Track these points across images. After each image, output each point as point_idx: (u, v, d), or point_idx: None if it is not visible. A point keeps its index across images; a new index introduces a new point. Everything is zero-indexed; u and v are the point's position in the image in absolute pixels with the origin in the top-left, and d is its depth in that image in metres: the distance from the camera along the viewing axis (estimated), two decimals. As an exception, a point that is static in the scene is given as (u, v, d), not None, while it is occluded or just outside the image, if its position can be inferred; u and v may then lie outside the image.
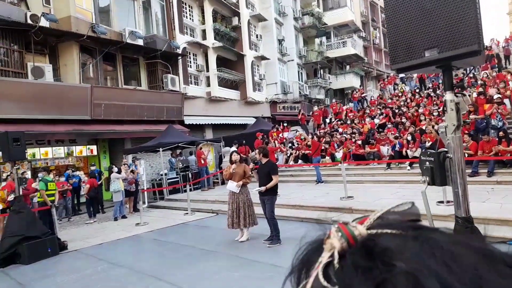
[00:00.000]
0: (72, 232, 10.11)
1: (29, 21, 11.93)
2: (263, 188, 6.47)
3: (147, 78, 17.16)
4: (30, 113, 11.92)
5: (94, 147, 15.13)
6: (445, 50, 2.35)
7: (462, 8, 2.24)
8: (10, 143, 7.89)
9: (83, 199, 12.88)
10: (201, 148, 14.60)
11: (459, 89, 2.74)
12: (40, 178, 10.40)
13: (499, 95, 12.17)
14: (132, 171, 12.09)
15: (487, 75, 17.79)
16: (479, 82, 16.84)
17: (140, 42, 16.03)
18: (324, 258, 0.34)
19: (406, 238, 0.33)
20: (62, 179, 12.22)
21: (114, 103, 14.31)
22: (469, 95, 14.86)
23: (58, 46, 13.80)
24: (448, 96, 2.60)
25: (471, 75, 18.83)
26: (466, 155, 9.92)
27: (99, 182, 12.64)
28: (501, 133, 9.80)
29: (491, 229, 6.02)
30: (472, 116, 11.88)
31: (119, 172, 11.66)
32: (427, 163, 2.70)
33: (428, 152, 2.78)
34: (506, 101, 12.19)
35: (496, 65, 20.68)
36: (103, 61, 15.16)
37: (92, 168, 13.35)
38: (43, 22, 12.35)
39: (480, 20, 2.25)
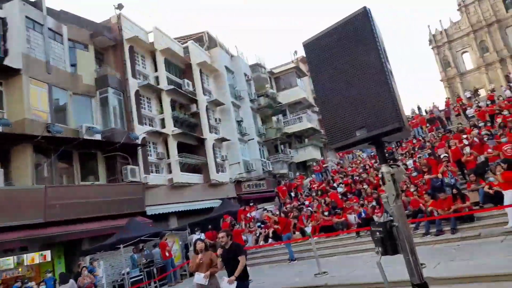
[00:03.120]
0: None
1: (-22, 127, 11.65)
2: (233, 278, 6.04)
3: (106, 171, 16.77)
4: (-24, 223, 11.03)
5: (47, 252, 13.87)
6: (371, 130, 2.65)
7: (380, 93, 2.58)
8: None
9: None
10: (166, 239, 13.87)
11: (392, 161, 2.95)
12: None
13: (446, 154, 12.95)
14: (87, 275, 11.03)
15: (434, 136, 19.10)
16: (427, 144, 17.99)
17: (97, 136, 15.99)
18: None
19: None
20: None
21: (70, 202, 13.65)
22: (420, 157, 15.72)
23: (10, 149, 13.40)
24: (384, 168, 2.83)
25: (414, 141, 20.13)
26: (437, 213, 10.15)
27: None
28: (454, 190, 10.22)
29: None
30: (426, 176, 12.43)
31: (76, 277, 10.63)
32: (377, 233, 2.78)
33: (376, 223, 2.87)
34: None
35: (440, 126, 22.40)
36: (59, 159, 14.78)
37: (48, 275, 11.94)
38: (-6, 127, 12.12)
39: (397, 102, 2.56)
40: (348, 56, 2.81)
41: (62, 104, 16.06)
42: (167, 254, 13.41)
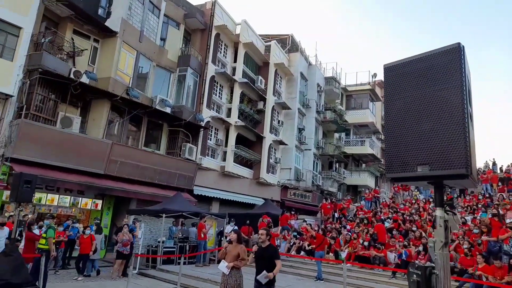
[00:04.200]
0: (54, 287, 9.68)
1: (71, 76, 12.94)
2: (271, 275, 6.06)
3: (167, 143, 17.76)
4: (49, 159, 12.29)
5: (99, 202, 15.14)
6: (435, 169, 2.50)
7: (454, 134, 2.43)
8: (21, 184, 8.01)
9: (75, 253, 12.51)
10: (204, 221, 14.37)
11: (449, 207, 2.78)
12: (48, 225, 10.27)
13: (512, 220, 11.84)
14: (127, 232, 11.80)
15: (504, 198, 17.50)
16: (494, 203, 16.55)
17: (168, 110, 16.95)
18: None
19: None
20: (61, 228, 12.06)
21: (130, 162, 14.67)
22: (482, 215, 14.51)
23: (91, 101, 14.72)
24: (438, 212, 2.66)
25: (480, 197, 18.54)
26: (485, 279, 9.37)
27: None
28: (512, 261, 9.33)
29: None
30: (484, 237, 11.48)
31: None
32: (415, 276, 2.65)
33: (416, 265, 2.72)
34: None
35: (513, 189, 20.42)
36: (129, 121, 15.95)
37: (97, 222, 13.07)
38: (84, 79, 13.38)
39: (470, 147, 2.40)
40: (428, 89, 2.69)
41: (145, 72, 17.24)
42: (202, 235, 13.89)
